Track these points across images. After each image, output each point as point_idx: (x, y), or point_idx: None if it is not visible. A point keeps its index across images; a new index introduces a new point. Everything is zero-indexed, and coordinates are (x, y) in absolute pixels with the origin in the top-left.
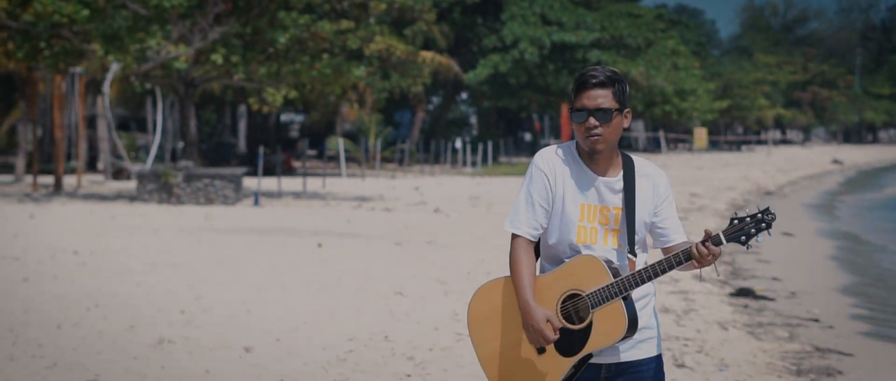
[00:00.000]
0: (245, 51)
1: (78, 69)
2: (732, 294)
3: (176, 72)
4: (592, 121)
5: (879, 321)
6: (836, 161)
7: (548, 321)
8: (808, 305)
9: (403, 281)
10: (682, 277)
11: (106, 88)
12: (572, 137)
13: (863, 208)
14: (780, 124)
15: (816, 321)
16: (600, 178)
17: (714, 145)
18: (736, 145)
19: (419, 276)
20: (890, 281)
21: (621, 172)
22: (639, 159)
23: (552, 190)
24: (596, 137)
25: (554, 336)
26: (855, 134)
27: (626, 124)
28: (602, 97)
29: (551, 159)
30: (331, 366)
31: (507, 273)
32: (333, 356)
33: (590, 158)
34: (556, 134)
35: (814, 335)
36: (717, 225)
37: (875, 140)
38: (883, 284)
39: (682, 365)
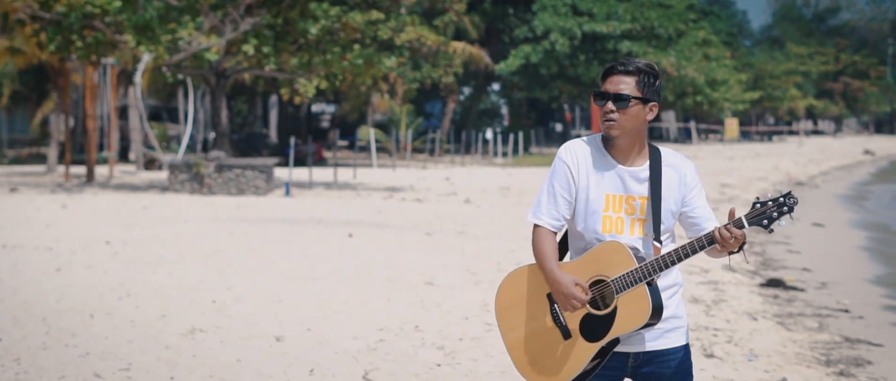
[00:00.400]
0: (276, 41)
1: (110, 60)
2: (762, 285)
3: (207, 62)
4: (610, 105)
5: None
6: (867, 152)
7: (576, 283)
8: (839, 295)
9: (434, 271)
10: (711, 267)
11: (138, 78)
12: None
13: (895, 198)
14: (811, 115)
15: (846, 311)
16: (626, 168)
17: (745, 136)
18: (767, 136)
19: (449, 266)
20: None
21: (647, 163)
22: (665, 150)
23: (575, 182)
24: (611, 122)
25: (586, 296)
26: (887, 124)
27: (649, 117)
28: (623, 84)
29: (575, 151)
30: (361, 355)
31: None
32: (364, 345)
33: (615, 149)
34: (587, 125)
35: (843, 326)
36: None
37: None
38: None
39: (711, 355)
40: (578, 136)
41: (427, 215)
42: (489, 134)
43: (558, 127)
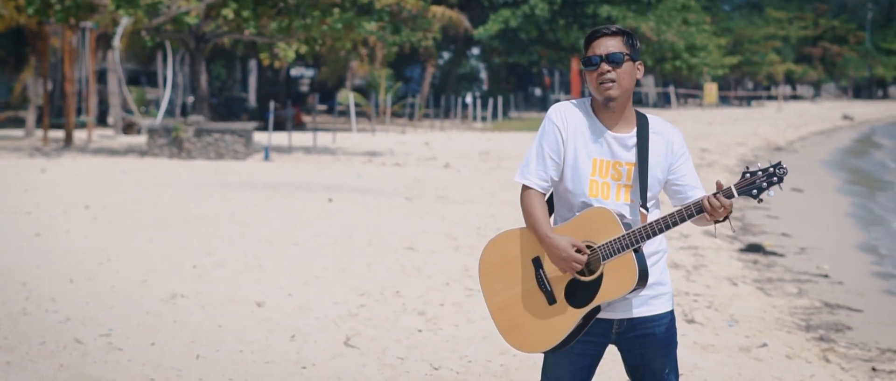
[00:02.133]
0: (256, 6)
1: (89, 24)
2: (742, 250)
3: (187, 26)
4: (605, 66)
5: (891, 276)
6: (846, 117)
7: (573, 245)
8: (818, 260)
9: (414, 236)
10: (692, 233)
11: (116, 42)
12: (583, 94)
13: (879, 164)
14: (790, 80)
15: (826, 276)
16: (613, 133)
17: (724, 101)
18: (746, 101)
19: (430, 231)
20: None
21: (635, 129)
22: (653, 117)
23: (564, 144)
24: (609, 84)
25: (584, 258)
26: (865, 90)
27: (638, 76)
28: (612, 44)
29: (565, 113)
30: (342, 321)
31: (519, 225)
32: (345, 310)
33: (604, 114)
34: (567, 89)
35: (823, 291)
36: (727, 180)
37: (885, 96)
38: None
39: (691, 321)
40: (558, 100)
41: (407, 179)
42: (468, 98)
43: (537, 91)
